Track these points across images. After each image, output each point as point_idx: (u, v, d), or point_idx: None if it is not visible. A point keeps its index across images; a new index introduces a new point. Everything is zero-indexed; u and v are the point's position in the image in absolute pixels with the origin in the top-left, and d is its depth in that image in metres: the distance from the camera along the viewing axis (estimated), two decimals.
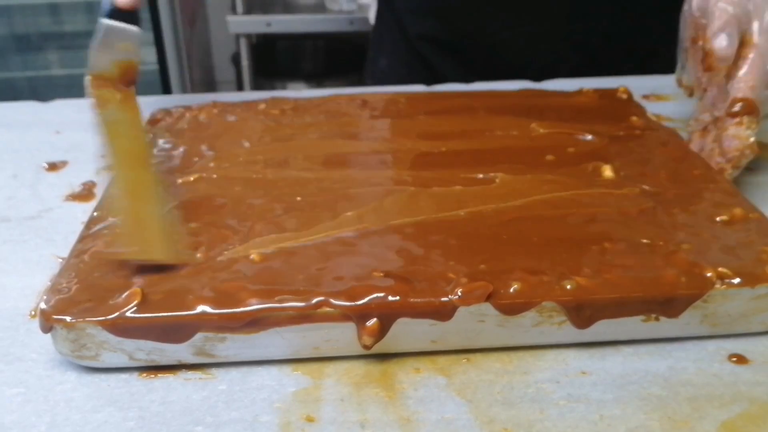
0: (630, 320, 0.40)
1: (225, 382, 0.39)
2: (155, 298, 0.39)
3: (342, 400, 0.38)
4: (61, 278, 0.41)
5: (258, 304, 0.38)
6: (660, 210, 0.47)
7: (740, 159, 0.54)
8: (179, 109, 0.64)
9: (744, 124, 0.54)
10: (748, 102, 0.54)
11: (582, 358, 0.40)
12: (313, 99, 0.66)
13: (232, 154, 0.55)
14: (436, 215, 0.46)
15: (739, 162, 0.54)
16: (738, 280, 0.40)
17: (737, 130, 0.54)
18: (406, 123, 0.61)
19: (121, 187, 0.49)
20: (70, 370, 0.40)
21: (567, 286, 0.39)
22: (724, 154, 0.54)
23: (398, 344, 0.40)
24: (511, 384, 0.39)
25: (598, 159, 0.53)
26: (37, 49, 2.05)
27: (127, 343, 0.38)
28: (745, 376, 0.39)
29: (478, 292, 0.38)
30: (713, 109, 0.57)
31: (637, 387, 0.38)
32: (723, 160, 0.54)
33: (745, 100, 0.54)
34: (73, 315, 0.38)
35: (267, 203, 0.48)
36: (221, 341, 0.39)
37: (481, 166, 0.52)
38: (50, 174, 0.62)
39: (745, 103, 0.54)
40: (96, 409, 0.37)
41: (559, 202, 0.48)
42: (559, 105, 0.65)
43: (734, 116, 0.54)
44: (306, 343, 0.39)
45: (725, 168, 0.54)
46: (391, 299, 0.38)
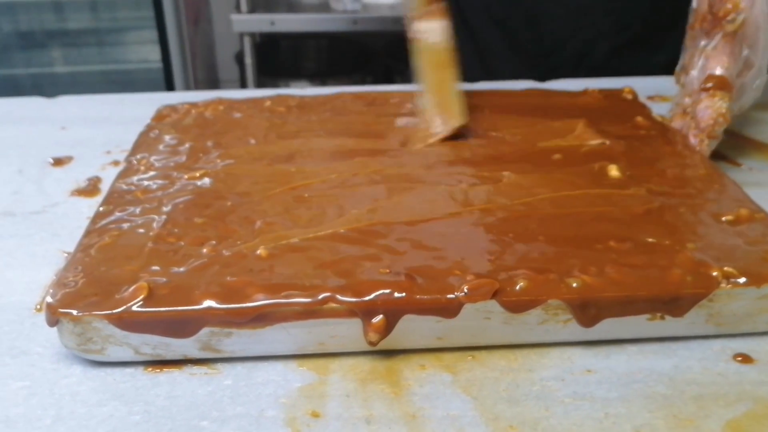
0: (635, 319, 0.40)
1: (230, 377, 0.39)
2: (161, 293, 0.39)
3: (347, 395, 0.38)
4: (67, 272, 0.41)
5: (264, 300, 0.38)
6: (666, 209, 0.47)
7: (714, 128, 0.57)
8: (185, 105, 0.64)
9: (717, 96, 0.58)
10: (721, 79, 0.58)
11: (587, 356, 0.40)
12: (319, 96, 0.66)
13: (238, 150, 0.55)
14: (442, 213, 0.46)
15: (713, 131, 0.57)
16: (744, 280, 0.40)
17: (710, 102, 0.58)
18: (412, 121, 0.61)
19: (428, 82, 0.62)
20: (75, 364, 0.40)
21: (573, 284, 0.39)
22: (699, 124, 0.58)
23: (404, 341, 0.40)
24: (516, 381, 0.39)
25: (604, 159, 0.53)
26: (41, 47, 2.06)
27: (133, 338, 0.38)
28: (751, 375, 0.39)
29: (484, 289, 0.38)
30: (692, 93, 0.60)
31: (642, 385, 0.38)
32: (698, 132, 0.58)
33: (719, 77, 0.58)
34: (79, 309, 0.38)
35: (273, 199, 0.48)
36: (227, 336, 0.39)
37: (487, 165, 0.53)
38: (56, 169, 0.62)
39: (718, 79, 0.58)
40: (101, 402, 0.37)
41: (566, 201, 0.48)
42: (564, 105, 0.65)
43: (707, 91, 0.58)
44: (312, 338, 0.39)
45: (702, 140, 0.58)
46: (397, 296, 0.38)
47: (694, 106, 0.59)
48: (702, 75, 0.60)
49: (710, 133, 0.57)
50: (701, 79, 0.59)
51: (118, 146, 0.64)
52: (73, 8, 2.04)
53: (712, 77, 0.58)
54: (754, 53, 0.59)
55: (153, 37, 1.88)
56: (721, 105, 0.57)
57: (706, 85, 0.58)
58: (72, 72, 2.07)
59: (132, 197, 0.49)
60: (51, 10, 2.02)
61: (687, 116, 0.61)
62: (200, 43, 2.12)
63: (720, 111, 0.57)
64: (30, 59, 2.06)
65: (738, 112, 0.61)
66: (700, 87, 0.59)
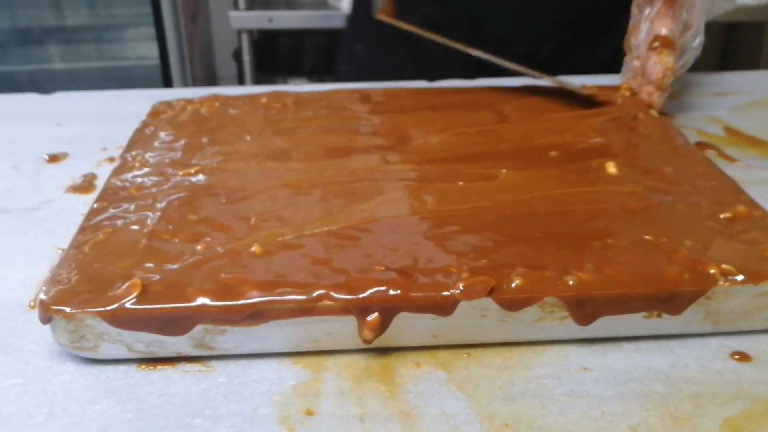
0: (632, 317, 0.40)
1: (224, 375, 0.39)
2: (155, 290, 0.39)
3: (342, 393, 0.37)
4: (61, 269, 0.41)
5: (258, 297, 0.38)
6: (663, 207, 0.46)
7: (663, 80, 0.64)
8: (181, 102, 0.64)
9: (663, 53, 0.64)
10: (666, 38, 0.65)
11: (583, 354, 0.40)
12: (315, 93, 0.66)
13: (234, 147, 0.55)
14: (438, 210, 0.46)
15: (662, 83, 0.64)
16: (741, 278, 0.40)
17: (658, 58, 0.64)
18: (409, 118, 0.61)
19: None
20: (68, 361, 0.40)
21: (569, 281, 0.39)
22: (649, 78, 0.65)
23: (399, 338, 0.39)
24: (512, 379, 0.38)
25: (602, 155, 0.53)
26: (39, 43, 2.06)
27: (127, 335, 0.38)
28: (748, 374, 0.39)
29: (479, 286, 0.38)
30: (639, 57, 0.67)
31: (638, 384, 0.38)
32: (649, 87, 0.65)
33: (663, 37, 0.65)
34: (72, 306, 0.38)
35: (268, 196, 0.48)
36: (221, 333, 0.39)
37: (484, 162, 0.52)
38: (51, 166, 0.62)
39: (663, 39, 0.65)
40: (94, 400, 0.37)
41: (563, 198, 0.47)
42: (561, 101, 0.64)
43: (655, 50, 0.65)
44: (306, 336, 0.39)
45: (653, 93, 0.64)
46: (392, 293, 0.38)
47: (643, 64, 0.66)
48: (649, 37, 0.66)
49: (660, 86, 0.64)
50: (648, 41, 0.66)
51: (113, 143, 0.64)
52: (71, 5, 2.03)
53: (658, 37, 0.65)
54: (691, 15, 0.66)
55: (151, 33, 1.88)
56: (668, 60, 0.64)
57: (653, 44, 0.65)
58: (69, 69, 2.06)
59: (126, 194, 0.49)
60: (49, 6, 2.02)
61: (638, 77, 0.67)
62: (198, 40, 2.11)
63: (667, 65, 0.64)
64: (28, 56, 2.06)
65: (682, 72, 0.68)
66: (648, 47, 0.66)
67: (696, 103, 0.75)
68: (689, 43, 0.67)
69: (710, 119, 0.70)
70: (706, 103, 0.75)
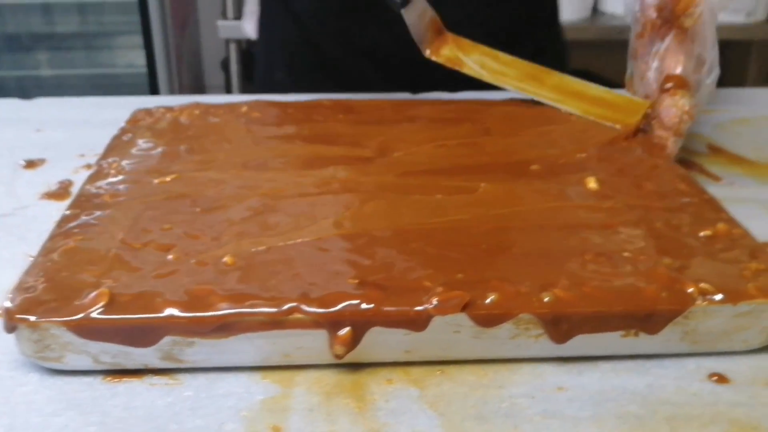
0: (609, 335, 0.39)
1: (191, 388, 0.38)
2: (123, 300, 0.38)
3: (311, 410, 0.37)
4: (28, 277, 0.40)
5: (228, 309, 0.37)
6: (643, 224, 0.46)
7: (680, 125, 0.59)
8: (160, 109, 0.63)
9: (678, 94, 0.59)
10: (679, 78, 0.60)
11: (559, 372, 0.39)
12: (297, 103, 0.65)
13: (212, 155, 0.54)
14: (415, 223, 0.45)
15: (679, 128, 0.59)
16: (720, 297, 0.39)
17: (672, 100, 0.59)
18: (390, 129, 0.60)
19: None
20: (32, 372, 0.39)
21: (545, 298, 0.38)
22: (664, 124, 0.59)
23: (371, 354, 0.39)
24: (485, 398, 0.38)
25: (583, 170, 0.53)
26: (27, 49, 2.05)
27: (92, 346, 0.37)
28: (726, 396, 0.38)
29: (453, 301, 0.38)
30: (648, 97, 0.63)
31: (614, 404, 0.37)
32: (664, 132, 0.59)
33: (677, 76, 0.60)
34: (37, 315, 0.37)
35: (243, 206, 0.47)
36: (189, 345, 0.38)
37: (464, 175, 0.52)
38: (27, 171, 0.61)
39: (677, 78, 0.60)
40: (57, 412, 0.36)
41: (541, 213, 0.47)
42: (544, 116, 0.64)
43: (668, 91, 0.60)
44: (276, 349, 0.38)
45: (668, 138, 0.59)
46: (364, 307, 0.37)
47: (655, 107, 0.61)
48: (659, 76, 0.62)
49: (677, 131, 0.59)
50: (659, 80, 0.61)
51: (92, 150, 0.63)
52: (62, 12, 2.03)
53: (670, 77, 0.60)
54: (704, 50, 0.61)
55: (139, 42, 1.87)
56: (684, 103, 0.59)
57: (666, 85, 0.60)
58: (57, 75, 2.06)
59: (100, 201, 0.48)
60: (39, 13, 2.02)
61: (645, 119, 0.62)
62: (186, 49, 2.11)
63: (684, 108, 0.59)
64: (16, 61, 2.05)
65: (696, 110, 0.62)
66: (661, 88, 0.61)
67: None
68: (704, 80, 0.62)
69: (693, 136, 0.70)
70: None
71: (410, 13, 0.63)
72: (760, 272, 0.41)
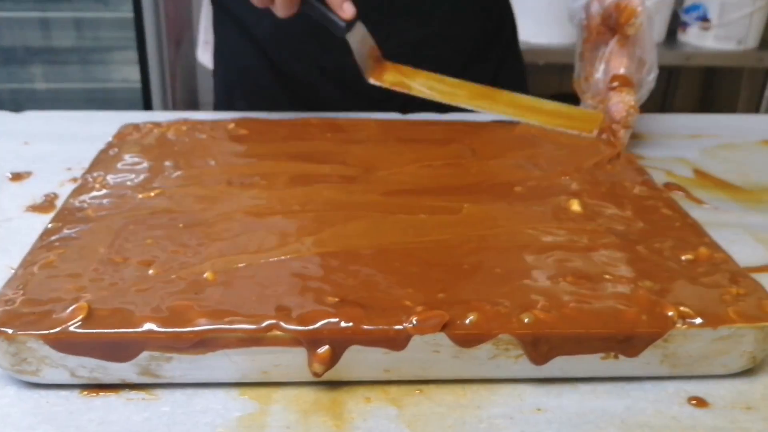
0: (588, 357, 0.39)
1: (168, 404, 0.38)
2: (102, 314, 0.38)
3: (288, 427, 0.36)
4: (7, 289, 0.40)
5: (206, 325, 0.37)
6: (625, 247, 0.46)
7: (628, 118, 0.65)
8: (148, 125, 0.63)
9: (624, 92, 0.67)
10: (624, 77, 0.68)
11: (538, 394, 0.39)
12: (283, 121, 0.65)
13: (197, 171, 0.54)
14: (397, 242, 0.45)
15: (627, 121, 0.65)
16: (699, 321, 0.39)
17: (620, 97, 0.66)
18: (376, 149, 0.60)
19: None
20: (9, 385, 0.39)
21: (525, 319, 0.38)
22: (613, 117, 0.66)
23: (350, 372, 0.38)
24: (463, 418, 0.37)
25: (566, 193, 0.53)
26: (22, 62, 2.05)
27: (70, 359, 0.37)
28: (704, 419, 0.38)
29: (433, 321, 0.37)
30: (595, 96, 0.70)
31: (593, 427, 0.37)
32: (614, 125, 0.65)
33: (622, 76, 0.68)
34: (14, 327, 0.37)
35: (226, 222, 0.47)
36: (167, 361, 0.37)
37: (448, 195, 0.52)
38: (13, 184, 0.61)
39: (622, 78, 0.67)
40: (32, 426, 0.36)
41: (524, 235, 0.47)
42: (528, 137, 0.64)
43: (614, 89, 0.67)
44: (255, 366, 0.38)
45: (618, 131, 0.65)
46: (343, 325, 0.37)
47: (602, 104, 0.68)
48: (605, 77, 0.69)
49: (625, 124, 0.65)
50: (606, 81, 0.68)
51: (79, 163, 0.63)
52: (58, 26, 2.03)
53: (616, 77, 0.68)
54: (644, 52, 0.69)
55: (134, 57, 1.88)
56: (630, 99, 0.66)
57: (612, 84, 0.68)
58: (52, 89, 2.06)
59: (83, 215, 0.48)
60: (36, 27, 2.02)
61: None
62: (181, 65, 2.11)
63: (630, 103, 0.66)
64: (11, 75, 2.05)
65: (640, 102, 0.69)
66: (608, 87, 0.68)
67: (667, 144, 0.75)
68: (645, 78, 0.69)
69: (680, 161, 0.70)
70: (677, 145, 0.75)
71: (353, 37, 0.65)
72: (740, 297, 0.41)
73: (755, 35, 1.88)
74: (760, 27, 1.88)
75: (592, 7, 0.71)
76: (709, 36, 1.86)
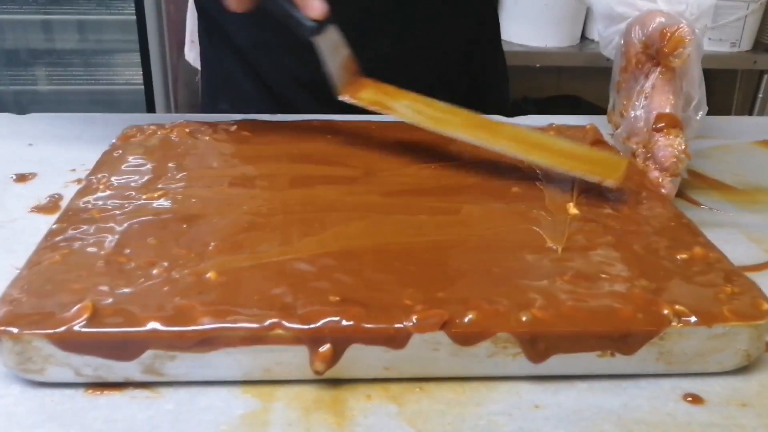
0: (585, 355, 0.40)
1: (172, 402, 0.38)
2: (106, 313, 0.38)
3: (290, 425, 0.37)
4: (13, 289, 0.40)
5: (210, 324, 0.38)
6: (621, 246, 0.46)
7: (677, 165, 0.57)
8: (151, 126, 0.64)
9: (672, 134, 0.57)
10: (670, 116, 0.58)
11: (536, 391, 0.40)
12: (285, 122, 0.66)
13: (199, 173, 0.55)
14: (397, 242, 0.46)
15: (676, 168, 0.57)
16: (694, 319, 0.40)
17: (667, 141, 0.57)
18: (377, 150, 0.61)
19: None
20: (14, 384, 0.39)
21: (523, 318, 0.39)
22: (661, 164, 0.57)
23: (351, 370, 0.39)
24: (462, 415, 0.38)
25: (563, 193, 0.53)
26: (26, 64, 2.06)
27: (74, 358, 0.38)
28: (700, 416, 0.39)
29: (432, 319, 0.38)
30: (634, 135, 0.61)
31: (589, 423, 0.38)
32: (660, 173, 0.57)
33: (668, 115, 0.58)
34: (20, 327, 0.37)
35: (228, 223, 0.48)
36: (171, 359, 0.38)
37: (447, 196, 0.52)
38: (18, 185, 0.61)
39: (668, 117, 0.58)
40: (37, 425, 0.36)
41: (522, 234, 0.48)
42: None
43: (660, 131, 0.58)
44: (257, 365, 0.39)
45: (664, 179, 0.57)
46: (344, 324, 0.38)
47: (647, 147, 0.59)
48: (647, 115, 0.60)
49: (673, 172, 0.57)
50: (648, 120, 0.60)
51: (83, 165, 0.64)
52: (61, 29, 2.04)
53: (662, 116, 0.59)
54: (691, 87, 0.60)
55: (137, 60, 1.88)
56: (680, 142, 0.57)
57: (658, 125, 0.58)
58: (55, 91, 2.07)
59: (87, 216, 0.48)
60: (39, 29, 2.03)
61: (635, 158, 0.61)
62: (183, 68, 2.12)
63: (680, 148, 0.57)
64: (14, 77, 2.06)
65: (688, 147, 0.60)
66: (653, 128, 0.59)
67: None
68: (693, 117, 0.61)
69: None
70: None
71: (323, 42, 0.58)
72: (734, 295, 0.41)
73: (749, 38, 1.89)
74: (754, 29, 1.89)
75: (633, 33, 0.63)
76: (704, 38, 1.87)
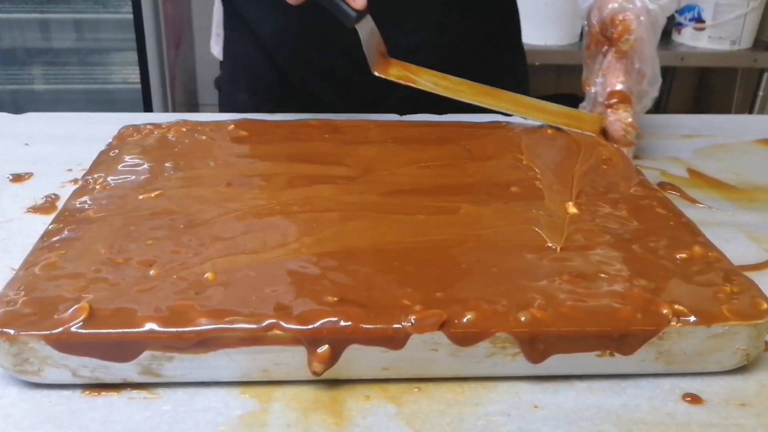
0: (584, 355, 0.40)
1: (170, 403, 0.38)
2: (103, 314, 0.38)
3: (288, 425, 0.37)
4: (9, 290, 0.40)
5: (207, 324, 0.38)
6: (620, 246, 0.46)
7: (625, 136, 0.65)
8: (148, 126, 0.64)
9: (621, 109, 0.66)
10: (621, 93, 0.67)
11: (535, 391, 0.40)
12: (283, 122, 0.66)
13: (197, 172, 0.55)
14: (395, 242, 0.46)
15: (625, 139, 0.66)
16: (693, 319, 0.40)
17: (616, 115, 0.66)
18: (375, 150, 0.61)
19: None
20: (11, 385, 0.39)
21: (521, 317, 0.39)
22: (612, 137, 0.66)
23: (349, 370, 0.39)
24: (461, 415, 0.38)
25: (562, 192, 0.53)
26: (23, 64, 2.06)
27: (71, 359, 0.38)
28: (699, 416, 0.39)
29: (431, 320, 0.38)
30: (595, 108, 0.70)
31: (588, 423, 0.38)
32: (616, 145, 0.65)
33: (619, 92, 0.67)
34: (16, 328, 0.37)
35: (226, 223, 0.47)
36: (169, 360, 0.38)
37: (445, 195, 0.52)
38: (14, 185, 0.61)
39: (619, 94, 0.67)
40: (34, 426, 0.36)
41: (521, 234, 0.47)
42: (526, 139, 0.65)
43: (611, 107, 0.67)
44: (255, 365, 0.38)
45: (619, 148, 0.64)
46: (343, 324, 0.38)
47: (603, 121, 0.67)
48: (603, 91, 0.69)
49: (624, 143, 0.65)
50: (603, 95, 0.68)
51: (80, 164, 0.64)
52: (58, 28, 2.04)
53: (613, 93, 0.67)
54: (644, 64, 0.68)
55: (134, 58, 1.88)
56: (626, 116, 0.66)
57: (610, 101, 0.67)
58: (52, 90, 2.06)
59: (83, 216, 0.48)
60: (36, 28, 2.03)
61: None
62: (180, 67, 2.12)
63: (626, 121, 0.65)
64: (11, 76, 2.06)
65: (642, 112, 0.70)
66: (605, 103, 0.67)
67: (662, 144, 0.75)
68: (647, 89, 0.69)
69: (674, 161, 0.71)
70: (671, 145, 0.75)
71: (363, 28, 0.66)
72: (733, 295, 0.41)
73: (749, 36, 1.89)
74: (753, 27, 1.89)
75: (592, 16, 0.71)
76: (704, 36, 1.88)
